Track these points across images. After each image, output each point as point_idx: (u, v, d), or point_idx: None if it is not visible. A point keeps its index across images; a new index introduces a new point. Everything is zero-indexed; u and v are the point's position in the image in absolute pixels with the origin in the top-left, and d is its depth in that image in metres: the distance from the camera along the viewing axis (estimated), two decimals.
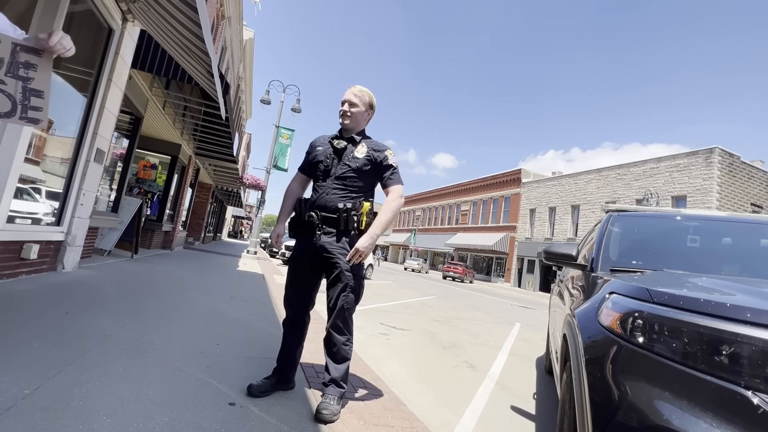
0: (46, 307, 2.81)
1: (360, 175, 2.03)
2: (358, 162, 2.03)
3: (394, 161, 2.09)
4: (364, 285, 2.11)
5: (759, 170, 21.12)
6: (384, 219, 1.98)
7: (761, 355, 0.90)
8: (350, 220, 1.97)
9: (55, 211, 4.20)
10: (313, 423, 1.75)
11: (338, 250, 1.96)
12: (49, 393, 1.56)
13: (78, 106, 4.26)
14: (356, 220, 1.98)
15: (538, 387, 3.43)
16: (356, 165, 2.03)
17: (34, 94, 1.62)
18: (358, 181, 2.03)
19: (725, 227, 2.53)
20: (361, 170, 2.03)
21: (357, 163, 2.03)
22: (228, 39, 12.28)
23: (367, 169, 2.04)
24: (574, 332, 1.48)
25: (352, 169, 2.03)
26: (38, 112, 1.65)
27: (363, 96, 2.12)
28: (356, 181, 2.03)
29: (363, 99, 2.12)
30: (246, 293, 5.15)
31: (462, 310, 8.86)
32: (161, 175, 9.76)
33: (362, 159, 2.04)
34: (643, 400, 0.98)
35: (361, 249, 1.92)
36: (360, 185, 2.04)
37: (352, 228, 1.98)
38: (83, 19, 4.00)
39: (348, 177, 2.02)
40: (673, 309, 1.06)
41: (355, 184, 2.03)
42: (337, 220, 1.97)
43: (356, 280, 1.99)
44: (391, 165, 2.06)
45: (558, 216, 28.15)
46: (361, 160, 2.04)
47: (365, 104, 2.13)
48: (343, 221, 1.97)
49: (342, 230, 1.98)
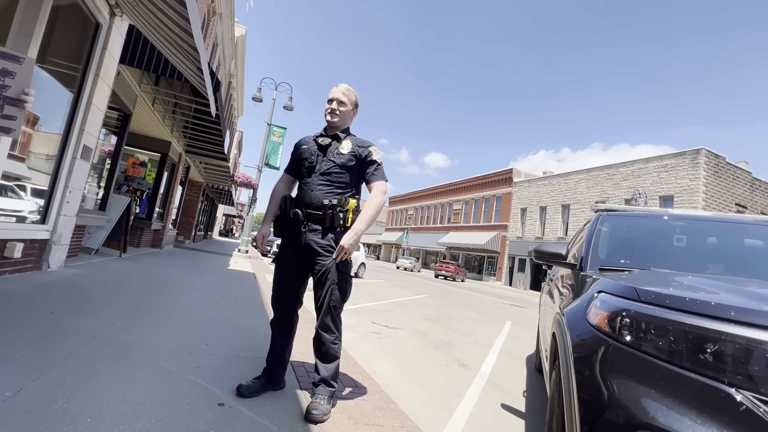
0: (30, 307, 2.75)
1: (345, 171, 2.02)
2: (343, 158, 2.03)
3: (379, 157, 2.07)
4: (353, 283, 2.09)
5: (743, 171, 21.58)
6: (367, 215, 1.96)
7: (744, 352, 0.92)
8: (336, 217, 1.95)
9: (41, 208, 4.12)
10: (303, 423, 1.74)
11: (324, 248, 1.95)
12: (32, 395, 1.52)
13: (64, 101, 4.18)
14: (342, 217, 1.96)
15: (529, 385, 3.46)
16: (341, 161, 2.02)
17: (9, 102, 1.57)
18: (343, 177, 2.02)
19: (711, 227, 2.57)
20: (346, 166, 2.02)
21: (342, 159, 2.02)
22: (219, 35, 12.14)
23: (352, 164, 2.03)
24: (563, 331, 1.49)
25: (337, 164, 2.02)
26: (11, 121, 1.59)
27: (350, 95, 2.14)
28: (341, 177, 2.01)
29: (350, 98, 2.13)
30: (236, 292, 5.11)
31: (454, 308, 8.90)
32: (150, 172, 9.62)
33: (347, 155, 2.03)
34: (630, 398, 0.99)
35: (346, 246, 1.89)
36: (345, 181, 2.03)
37: (337, 225, 1.96)
38: (69, 13, 3.91)
39: (333, 173, 2.02)
40: (659, 308, 1.08)
41: (340, 180, 2.01)
42: (323, 217, 1.96)
43: (343, 278, 1.97)
44: (374, 161, 2.05)
45: (549, 215, 28.42)
46: (346, 156, 2.03)
47: (352, 103, 2.15)
48: (328, 218, 1.95)
49: (327, 227, 1.97)
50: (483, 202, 35.49)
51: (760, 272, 2.05)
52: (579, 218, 25.34)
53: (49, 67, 3.83)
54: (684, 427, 0.87)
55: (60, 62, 4.07)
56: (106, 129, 6.40)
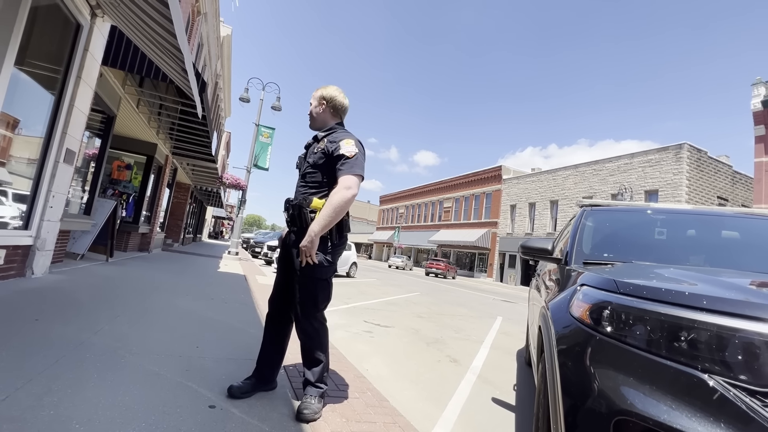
0: (14, 314, 2.70)
1: (316, 169, 2.01)
2: (315, 156, 2.03)
3: (349, 150, 1.93)
4: (327, 286, 2.00)
5: (724, 164, 22.14)
6: (324, 214, 1.85)
7: (716, 339, 0.96)
8: (303, 217, 1.95)
9: (23, 214, 4.03)
10: (294, 422, 1.75)
11: (295, 251, 1.96)
12: (18, 403, 1.50)
13: (45, 104, 4.09)
14: (312, 218, 1.92)
15: (519, 379, 3.51)
16: (313, 160, 2.03)
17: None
18: (316, 176, 2.01)
19: (692, 220, 2.64)
20: (317, 164, 2.01)
21: (314, 158, 2.03)
22: (204, 35, 11.99)
23: (323, 162, 2.00)
24: (547, 324, 1.53)
25: (310, 164, 2.03)
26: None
27: (316, 94, 2.15)
28: (314, 176, 2.01)
29: (315, 95, 2.15)
30: (227, 295, 5.07)
31: (445, 305, 8.96)
32: (137, 175, 9.46)
33: (318, 153, 2.03)
34: (611, 386, 1.02)
35: (302, 248, 1.84)
36: (318, 180, 2.00)
37: (305, 226, 1.93)
38: (49, 13, 3.83)
39: (308, 173, 2.03)
40: (637, 299, 1.12)
41: (313, 179, 2.01)
42: (293, 219, 1.98)
43: (311, 282, 1.91)
44: (342, 155, 1.92)
45: (538, 211, 28.76)
46: (317, 154, 2.03)
47: (316, 99, 2.14)
48: (296, 219, 1.97)
49: (300, 228, 1.96)
50: (473, 200, 35.74)
51: (738, 263, 2.12)
52: (567, 214, 25.70)
53: (29, 70, 3.75)
54: (660, 412, 0.91)
55: (40, 64, 3.98)
56: (90, 132, 6.28)
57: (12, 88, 3.32)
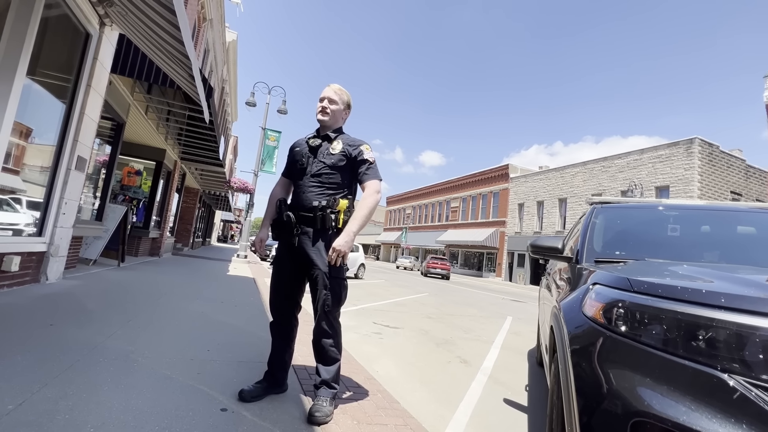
0: (29, 319, 2.75)
1: (335, 171, 2.00)
2: (333, 158, 2.02)
3: (371, 156, 2.04)
4: (347, 286, 2.04)
5: (737, 159, 21.69)
6: (360, 215, 1.93)
7: (736, 338, 0.93)
8: (327, 218, 1.94)
9: (37, 221, 4.11)
10: (306, 425, 1.75)
11: (315, 252, 1.94)
12: (34, 407, 1.53)
13: (56, 113, 4.17)
14: (333, 219, 1.95)
15: (530, 379, 3.47)
16: (331, 161, 2.01)
17: None
18: (334, 177, 2.00)
19: (705, 216, 2.59)
20: (337, 166, 2.01)
21: (332, 159, 2.01)
22: (210, 41, 12.13)
23: (343, 164, 2.01)
24: (560, 324, 1.51)
25: (327, 165, 2.01)
26: None
27: (342, 95, 2.13)
28: (332, 178, 2.00)
29: (342, 97, 2.13)
30: (236, 298, 5.11)
31: (454, 306, 8.91)
32: (146, 181, 9.60)
33: (337, 155, 2.02)
34: (627, 387, 1.00)
35: (338, 248, 1.87)
36: (337, 182, 2.01)
37: (329, 227, 1.95)
38: (58, 24, 3.90)
39: (323, 174, 2.01)
40: (652, 297, 1.09)
41: (331, 181, 2.00)
42: (314, 219, 1.95)
43: (336, 283, 1.94)
44: (366, 160, 2.01)
45: (546, 209, 28.50)
46: (336, 155, 2.02)
47: (344, 102, 2.13)
48: (319, 220, 1.95)
49: (319, 229, 1.96)
50: (480, 199, 35.54)
51: (755, 259, 2.07)
52: (576, 211, 25.42)
53: (40, 79, 3.82)
54: (679, 413, 0.89)
55: (51, 74, 4.06)
56: (100, 139, 6.38)
57: (24, 98, 3.39)
